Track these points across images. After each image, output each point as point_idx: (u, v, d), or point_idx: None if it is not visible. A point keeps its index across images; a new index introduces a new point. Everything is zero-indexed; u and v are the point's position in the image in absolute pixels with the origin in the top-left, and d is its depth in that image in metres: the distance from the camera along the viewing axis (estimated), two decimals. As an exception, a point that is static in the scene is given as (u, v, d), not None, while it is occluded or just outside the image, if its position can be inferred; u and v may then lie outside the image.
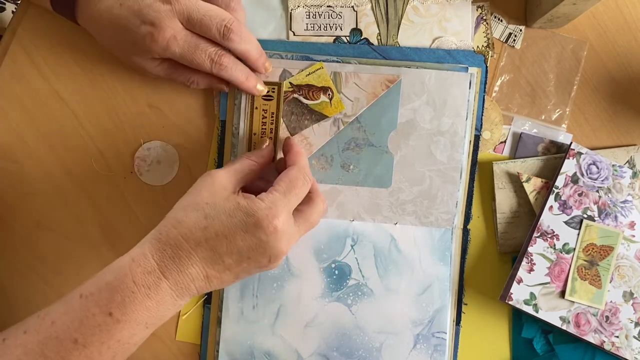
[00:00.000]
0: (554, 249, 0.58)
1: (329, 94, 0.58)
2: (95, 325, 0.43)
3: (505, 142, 0.61)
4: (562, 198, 0.58)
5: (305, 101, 0.58)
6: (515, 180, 0.60)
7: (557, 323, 0.57)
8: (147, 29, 0.51)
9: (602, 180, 0.59)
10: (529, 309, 0.57)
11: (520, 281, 0.57)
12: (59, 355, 0.42)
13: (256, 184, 0.54)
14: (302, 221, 0.50)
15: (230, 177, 0.50)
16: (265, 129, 0.59)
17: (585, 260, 0.58)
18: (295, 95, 0.58)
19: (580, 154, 0.59)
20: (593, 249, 0.58)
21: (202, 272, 0.46)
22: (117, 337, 0.44)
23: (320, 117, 0.59)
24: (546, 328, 0.59)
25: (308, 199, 0.52)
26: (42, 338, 0.43)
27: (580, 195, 0.58)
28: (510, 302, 0.57)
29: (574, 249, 0.58)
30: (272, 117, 0.58)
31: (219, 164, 0.60)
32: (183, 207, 0.48)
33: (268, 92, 0.58)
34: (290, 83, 0.57)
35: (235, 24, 0.52)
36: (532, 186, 0.59)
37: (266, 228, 0.46)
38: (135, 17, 0.51)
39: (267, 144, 0.56)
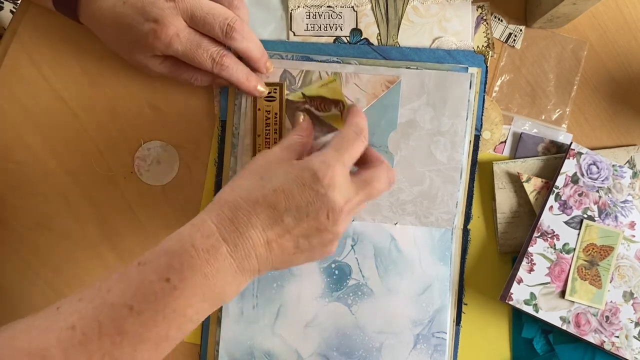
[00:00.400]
0: (554, 249, 0.58)
1: (340, 107, 0.58)
2: (151, 292, 0.41)
3: (505, 142, 0.61)
4: (562, 198, 0.58)
5: (316, 112, 0.58)
6: (515, 180, 0.60)
7: (557, 323, 0.57)
8: (150, 26, 0.51)
9: (602, 180, 0.59)
10: (529, 309, 0.57)
11: (520, 281, 0.57)
12: (113, 322, 0.41)
13: None
14: (360, 182, 0.48)
15: (282, 151, 0.48)
16: (269, 129, 0.59)
17: (585, 260, 0.58)
18: (307, 107, 0.58)
19: (580, 154, 0.59)
20: (593, 249, 0.58)
21: (263, 236, 0.44)
22: (173, 307, 0.42)
23: (330, 129, 0.58)
24: (546, 328, 0.59)
25: (368, 165, 0.50)
26: (97, 305, 0.41)
27: (580, 195, 0.58)
28: (510, 302, 0.57)
29: (574, 249, 0.58)
30: (275, 117, 0.58)
31: (219, 164, 0.60)
32: (238, 176, 0.47)
33: (270, 93, 0.58)
34: (303, 94, 0.57)
35: (238, 22, 0.52)
36: (532, 186, 0.59)
37: (322, 179, 0.44)
38: (139, 15, 0.51)
39: (302, 117, 0.55)
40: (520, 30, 0.61)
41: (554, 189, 0.58)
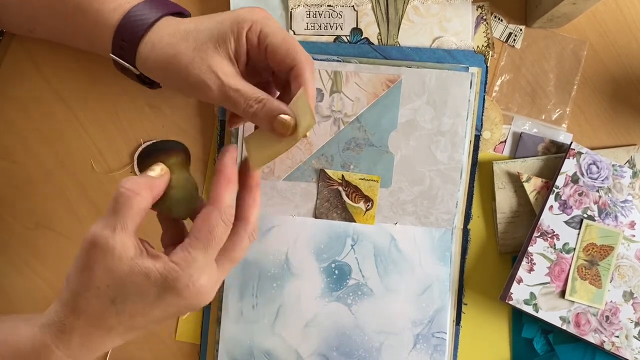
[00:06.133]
0: (554, 248, 0.58)
1: (368, 206, 0.59)
2: None
3: (505, 141, 0.61)
4: (562, 198, 0.58)
5: (345, 198, 0.59)
6: (515, 180, 0.60)
7: (557, 323, 0.57)
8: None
9: (602, 180, 0.59)
10: (529, 309, 0.57)
11: (520, 281, 0.57)
12: None
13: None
14: (226, 261, 0.44)
15: (124, 238, 0.40)
16: None
17: (585, 260, 0.58)
18: (340, 188, 0.59)
19: (580, 153, 0.59)
20: (593, 248, 0.58)
21: (119, 342, 0.42)
22: None
23: (349, 218, 0.59)
24: (546, 328, 0.59)
25: (232, 232, 0.44)
26: None
27: (580, 195, 0.58)
28: (510, 302, 0.57)
29: (574, 248, 0.58)
30: None
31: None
32: (78, 293, 0.40)
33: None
34: (343, 176, 0.58)
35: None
36: (532, 186, 0.59)
37: (188, 297, 0.41)
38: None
39: (158, 171, 0.43)
40: (520, 30, 0.61)
41: (554, 188, 0.58)
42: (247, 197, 0.46)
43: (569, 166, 0.58)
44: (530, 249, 0.58)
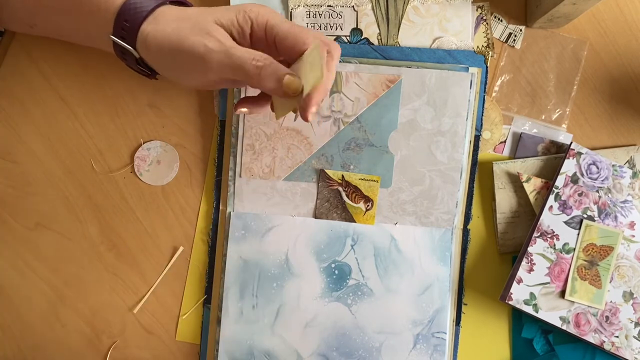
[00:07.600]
0: (554, 249, 0.58)
1: (368, 206, 0.59)
2: None
3: (505, 142, 0.61)
4: (562, 198, 0.58)
5: (345, 198, 0.59)
6: (515, 180, 0.60)
7: (557, 323, 0.57)
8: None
9: (602, 180, 0.59)
10: (529, 309, 0.57)
11: (520, 281, 0.57)
12: None
13: None
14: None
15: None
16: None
17: (585, 260, 0.58)
18: (340, 189, 0.59)
19: (580, 154, 0.59)
20: (593, 249, 0.58)
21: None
22: None
23: (349, 218, 0.59)
24: (546, 328, 0.59)
25: None
26: None
27: (580, 195, 0.58)
28: (510, 302, 0.57)
29: (574, 249, 0.58)
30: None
31: (219, 164, 0.60)
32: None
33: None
34: (343, 176, 0.58)
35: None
36: (532, 186, 0.59)
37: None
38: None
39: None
40: (520, 30, 0.61)
41: (553, 189, 0.58)
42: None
43: (569, 166, 0.58)
44: (530, 249, 0.58)
